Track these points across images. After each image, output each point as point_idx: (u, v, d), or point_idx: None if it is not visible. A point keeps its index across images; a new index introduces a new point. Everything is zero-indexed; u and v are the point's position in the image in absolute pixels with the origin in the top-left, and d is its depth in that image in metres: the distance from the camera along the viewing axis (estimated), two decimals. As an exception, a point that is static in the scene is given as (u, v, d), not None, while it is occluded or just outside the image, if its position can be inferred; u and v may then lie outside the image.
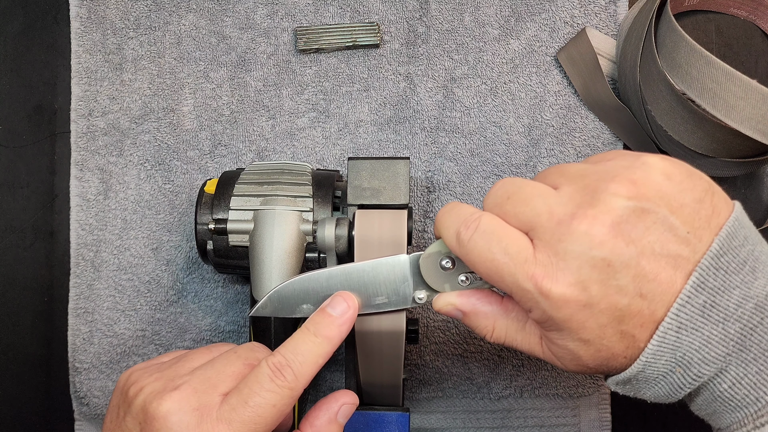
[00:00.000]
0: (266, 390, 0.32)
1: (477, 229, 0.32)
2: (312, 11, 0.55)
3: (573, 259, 0.29)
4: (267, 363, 0.33)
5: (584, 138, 0.53)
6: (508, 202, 0.32)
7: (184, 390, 0.32)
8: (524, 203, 0.31)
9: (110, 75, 0.54)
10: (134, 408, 0.33)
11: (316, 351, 0.34)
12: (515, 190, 0.32)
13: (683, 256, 0.29)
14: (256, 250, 0.44)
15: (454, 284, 0.35)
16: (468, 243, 0.32)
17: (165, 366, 0.35)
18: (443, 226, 0.34)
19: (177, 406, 0.32)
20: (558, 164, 0.33)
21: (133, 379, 0.34)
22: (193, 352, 0.36)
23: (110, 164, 0.54)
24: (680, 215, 0.29)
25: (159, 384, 0.33)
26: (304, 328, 0.35)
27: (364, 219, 0.42)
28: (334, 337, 0.35)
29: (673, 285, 0.29)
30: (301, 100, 0.54)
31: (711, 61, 0.44)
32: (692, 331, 0.29)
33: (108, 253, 0.53)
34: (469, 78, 0.54)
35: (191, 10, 0.55)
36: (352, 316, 0.36)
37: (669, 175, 0.30)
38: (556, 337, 0.31)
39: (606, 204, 0.29)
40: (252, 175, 0.47)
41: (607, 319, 0.30)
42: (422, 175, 0.53)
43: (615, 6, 0.54)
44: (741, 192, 0.54)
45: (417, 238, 0.53)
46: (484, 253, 0.31)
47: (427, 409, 0.53)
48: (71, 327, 0.53)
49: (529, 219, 0.31)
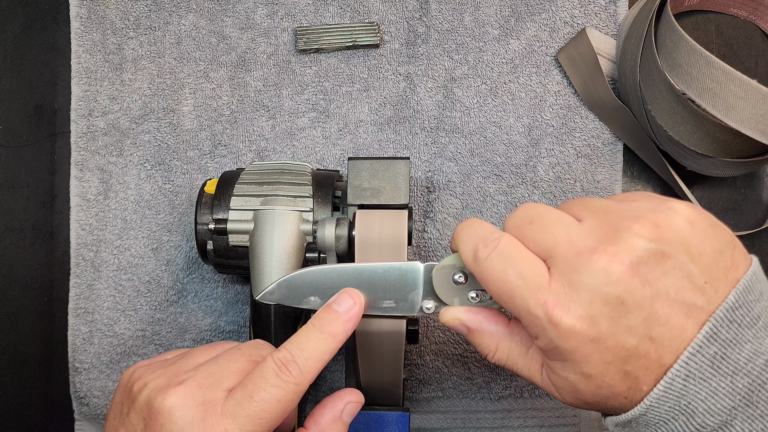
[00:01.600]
0: (271, 385, 0.32)
1: (495, 248, 0.32)
2: (312, 11, 0.55)
3: (587, 292, 0.29)
4: (272, 358, 0.33)
5: (584, 138, 0.53)
6: (529, 226, 0.32)
7: (188, 385, 0.32)
8: (545, 230, 0.31)
9: (110, 75, 0.54)
10: (138, 403, 0.33)
11: (321, 347, 0.34)
12: (538, 216, 0.32)
13: (697, 304, 0.29)
14: (256, 250, 0.44)
15: (464, 299, 0.35)
16: (484, 261, 0.32)
17: (168, 363, 0.35)
18: (461, 241, 0.34)
19: (181, 400, 0.32)
20: (583, 197, 0.33)
21: (137, 376, 0.34)
22: (196, 350, 0.36)
23: (110, 164, 0.54)
24: (699, 264, 0.29)
25: (163, 380, 0.33)
26: (310, 324, 0.35)
27: (364, 219, 0.42)
28: (340, 333, 0.35)
29: (683, 332, 0.29)
30: (301, 100, 0.54)
31: (711, 61, 0.44)
32: (700, 381, 0.29)
33: (108, 253, 0.53)
34: (469, 78, 0.54)
35: (191, 10, 0.55)
36: (357, 313, 0.36)
37: (693, 223, 0.30)
38: (559, 368, 0.31)
39: (627, 243, 0.29)
40: (252, 175, 0.47)
41: (612, 357, 0.29)
42: (422, 175, 0.53)
43: (615, 6, 0.54)
44: (741, 192, 0.54)
45: (417, 238, 0.53)
46: (498, 274, 0.31)
47: (427, 409, 0.53)
48: (71, 327, 0.53)
49: (548, 246, 0.31)
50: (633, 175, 0.54)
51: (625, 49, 0.52)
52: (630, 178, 0.54)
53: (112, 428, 0.34)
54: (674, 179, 0.51)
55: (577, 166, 0.53)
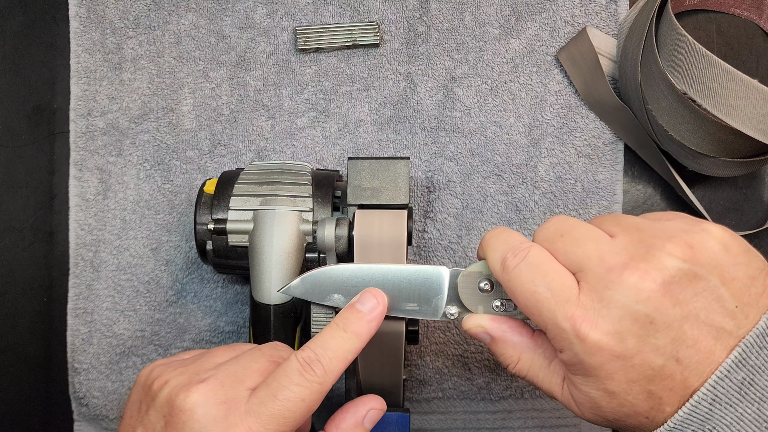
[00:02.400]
0: (295, 384, 0.32)
1: (525, 258, 0.32)
2: (312, 11, 0.54)
3: (616, 308, 0.29)
4: (296, 357, 0.33)
5: (585, 138, 0.53)
6: (560, 239, 0.32)
7: (210, 383, 0.32)
8: (576, 243, 0.31)
9: (109, 74, 0.54)
10: (159, 401, 0.32)
11: (345, 346, 0.34)
12: (569, 229, 0.32)
13: (726, 329, 0.29)
14: (255, 250, 0.44)
15: (488, 308, 0.35)
16: (513, 270, 0.32)
17: (188, 362, 0.35)
18: (490, 249, 0.33)
19: (204, 398, 0.31)
20: (615, 213, 0.33)
21: (156, 374, 0.34)
22: (214, 350, 0.36)
23: (109, 164, 0.54)
24: (731, 288, 0.29)
25: (184, 377, 0.33)
26: (333, 323, 0.35)
27: (364, 219, 0.42)
28: (363, 333, 0.34)
29: (711, 355, 0.29)
30: (300, 100, 0.54)
31: (712, 60, 0.44)
32: (726, 406, 0.29)
33: (107, 253, 0.53)
34: (469, 77, 0.54)
35: (190, 10, 0.55)
36: (381, 313, 0.35)
37: (726, 247, 0.30)
38: (581, 383, 0.31)
39: (660, 261, 0.29)
40: (251, 175, 0.46)
41: (637, 375, 0.29)
42: (422, 175, 0.53)
43: (615, 5, 0.54)
44: (742, 192, 0.54)
45: (417, 238, 0.53)
46: (527, 284, 0.31)
47: (427, 409, 0.53)
48: (70, 327, 0.53)
49: (579, 260, 0.31)
50: (634, 175, 0.54)
51: (625, 48, 0.51)
52: (631, 178, 0.54)
53: (128, 427, 0.34)
54: (675, 179, 0.51)
55: (578, 165, 0.53)
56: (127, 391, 0.53)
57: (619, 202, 0.53)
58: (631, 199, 0.54)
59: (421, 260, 0.53)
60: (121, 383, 0.53)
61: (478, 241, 0.53)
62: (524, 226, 0.53)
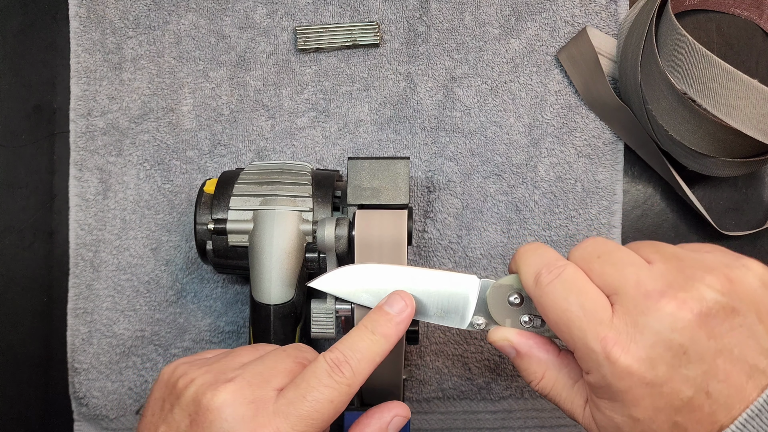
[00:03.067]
0: (324, 385, 0.32)
1: (559, 276, 0.31)
2: (312, 10, 0.54)
3: (651, 334, 0.29)
4: (325, 358, 0.32)
5: (585, 138, 0.53)
6: (597, 260, 0.31)
7: (238, 382, 0.32)
8: (614, 266, 0.31)
9: (109, 74, 0.54)
10: (184, 399, 0.32)
11: (373, 349, 0.33)
12: (607, 251, 0.32)
13: (760, 367, 0.28)
14: (255, 250, 0.44)
15: (516, 322, 0.35)
16: (546, 286, 0.31)
17: (212, 360, 0.35)
18: (524, 263, 0.33)
19: (232, 397, 0.31)
20: (653, 241, 0.33)
21: (181, 372, 0.33)
22: (238, 349, 0.36)
23: (109, 164, 0.54)
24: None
25: (210, 376, 0.32)
26: (361, 325, 0.34)
27: (364, 219, 0.42)
28: (392, 335, 0.34)
29: (742, 392, 0.28)
30: (300, 100, 0.54)
31: (712, 60, 0.44)
32: None
33: (107, 253, 0.53)
34: (469, 77, 0.54)
35: (190, 10, 0.55)
36: (409, 315, 0.35)
37: (766, 284, 0.29)
38: (606, 407, 0.31)
39: (698, 292, 0.29)
40: (251, 174, 0.46)
41: (664, 404, 0.29)
42: (422, 174, 0.53)
43: (615, 5, 0.54)
44: (742, 192, 0.54)
45: (417, 238, 0.53)
46: (559, 302, 0.31)
47: (427, 409, 0.53)
48: (70, 327, 0.53)
49: (615, 282, 0.30)
50: (634, 175, 0.54)
51: (625, 48, 0.51)
52: (631, 178, 0.54)
53: (150, 425, 0.33)
54: (675, 179, 0.51)
55: (578, 165, 0.53)
56: (127, 391, 0.53)
57: (619, 202, 0.53)
58: (631, 199, 0.54)
59: (421, 260, 0.53)
60: (121, 383, 0.53)
61: (479, 241, 0.53)
62: (524, 226, 0.53)
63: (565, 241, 0.53)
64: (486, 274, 0.53)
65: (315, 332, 0.43)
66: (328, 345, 0.53)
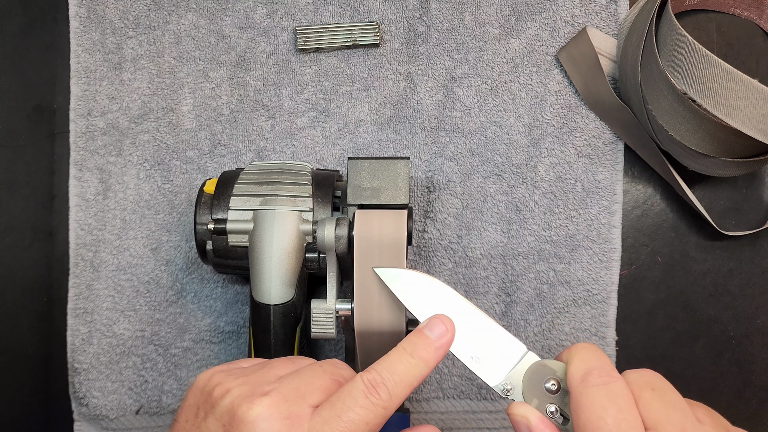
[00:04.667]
0: (360, 406, 0.31)
1: (609, 384, 0.31)
2: (312, 10, 0.54)
3: None
4: (362, 379, 0.32)
5: (585, 137, 0.53)
6: (650, 391, 0.31)
7: (274, 396, 0.31)
8: (665, 404, 0.30)
9: (109, 74, 0.54)
10: (219, 409, 0.32)
11: (412, 372, 0.33)
12: (663, 387, 0.31)
13: None
14: (255, 250, 0.44)
15: (542, 407, 0.34)
16: (592, 387, 0.31)
17: (249, 371, 0.34)
18: (579, 357, 0.32)
19: (267, 412, 0.31)
20: (709, 408, 0.32)
21: (217, 380, 0.33)
22: (275, 361, 0.35)
23: (109, 164, 0.54)
24: None
25: (246, 388, 0.32)
26: (401, 347, 0.34)
27: (364, 219, 0.42)
28: (431, 359, 0.34)
29: None
30: (300, 100, 0.54)
31: (712, 60, 0.44)
32: None
33: (107, 253, 0.53)
34: (469, 77, 0.54)
35: (191, 10, 0.55)
36: (449, 340, 0.35)
37: None
38: None
39: None
40: (251, 174, 0.46)
41: None
42: (422, 174, 0.53)
43: (615, 5, 0.53)
44: (742, 192, 0.54)
45: (417, 238, 0.53)
46: (598, 408, 0.30)
47: (427, 409, 0.53)
48: (70, 327, 0.53)
49: (660, 419, 0.30)
50: (634, 175, 0.54)
51: (625, 48, 0.51)
52: (631, 178, 0.54)
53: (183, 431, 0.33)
54: (675, 179, 0.51)
55: (578, 165, 0.53)
56: (127, 391, 0.53)
57: (619, 202, 0.53)
58: (631, 199, 0.54)
59: (421, 260, 0.53)
60: (121, 383, 0.53)
61: (479, 241, 0.53)
62: (524, 226, 0.53)
63: (565, 241, 0.53)
64: (487, 274, 0.53)
65: (315, 332, 0.43)
66: (329, 345, 0.53)
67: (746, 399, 0.53)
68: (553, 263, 0.53)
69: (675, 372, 0.53)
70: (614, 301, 0.53)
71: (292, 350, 0.45)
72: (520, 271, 0.53)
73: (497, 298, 0.53)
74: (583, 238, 0.53)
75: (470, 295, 0.53)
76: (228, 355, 0.53)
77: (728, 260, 0.54)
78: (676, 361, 0.54)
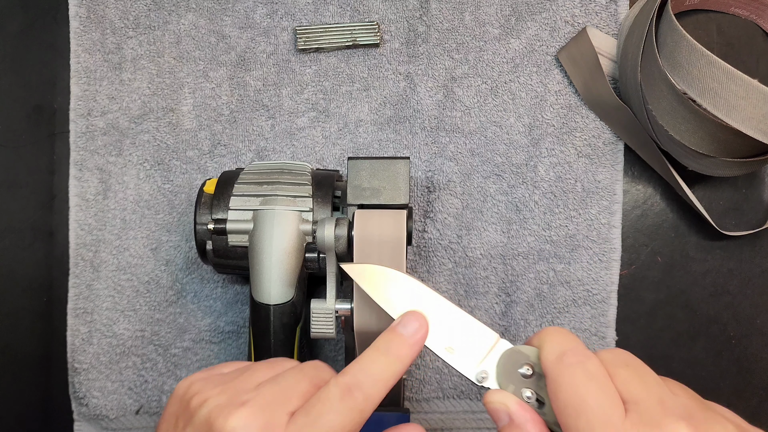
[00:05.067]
0: (336, 411, 0.31)
1: (585, 362, 0.31)
2: (312, 10, 0.54)
3: None
4: (336, 383, 0.32)
5: (585, 137, 0.53)
6: (625, 368, 0.31)
7: (251, 406, 0.31)
8: (640, 378, 0.30)
9: (109, 74, 0.54)
10: (197, 420, 0.31)
11: (387, 371, 0.33)
12: (635, 364, 0.31)
13: None
14: (255, 250, 0.44)
15: (518, 392, 0.34)
16: (568, 367, 0.31)
17: (228, 378, 0.34)
18: (550, 340, 0.32)
19: (243, 423, 0.30)
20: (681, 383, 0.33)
21: (195, 390, 0.33)
22: (255, 365, 0.35)
23: (109, 164, 0.54)
24: None
25: (224, 397, 0.32)
26: (374, 347, 0.34)
27: (364, 219, 0.42)
28: (406, 357, 0.33)
29: None
30: (300, 100, 0.54)
31: (712, 60, 0.44)
32: None
33: (107, 253, 0.53)
34: (469, 77, 0.54)
35: (191, 10, 0.55)
36: (423, 336, 0.34)
37: None
38: None
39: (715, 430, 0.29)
40: (251, 174, 0.46)
41: None
42: (422, 174, 0.53)
43: (615, 5, 0.53)
44: (742, 192, 0.54)
45: (417, 238, 0.53)
46: (577, 386, 0.30)
47: (427, 409, 0.53)
48: (70, 327, 0.53)
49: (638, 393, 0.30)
50: (634, 175, 0.54)
51: (625, 48, 0.51)
52: (631, 178, 0.54)
53: None
54: (675, 179, 0.51)
55: (578, 165, 0.53)
56: (127, 391, 0.53)
57: (619, 202, 0.53)
58: (631, 199, 0.54)
59: (421, 260, 0.53)
60: (121, 383, 0.53)
61: (479, 241, 0.53)
62: (524, 226, 0.53)
63: (565, 241, 0.53)
64: (487, 274, 0.53)
65: (315, 332, 0.43)
66: (329, 345, 0.53)
67: (746, 399, 0.53)
68: (553, 263, 0.53)
69: (675, 372, 0.53)
70: (614, 301, 0.53)
71: (292, 350, 0.45)
72: (520, 271, 0.53)
73: (497, 298, 0.53)
74: (583, 238, 0.53)
75: (470, 295, 0.53)
76: (228, 355, 0.53)
77: (728, 260, 0.54)
78: (675, 361, 0.54)
